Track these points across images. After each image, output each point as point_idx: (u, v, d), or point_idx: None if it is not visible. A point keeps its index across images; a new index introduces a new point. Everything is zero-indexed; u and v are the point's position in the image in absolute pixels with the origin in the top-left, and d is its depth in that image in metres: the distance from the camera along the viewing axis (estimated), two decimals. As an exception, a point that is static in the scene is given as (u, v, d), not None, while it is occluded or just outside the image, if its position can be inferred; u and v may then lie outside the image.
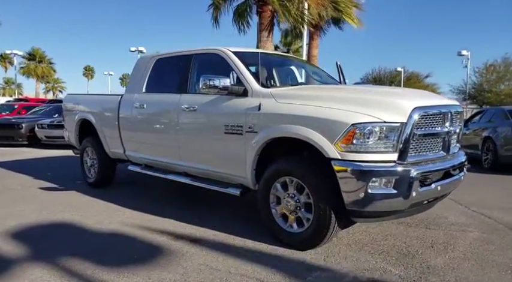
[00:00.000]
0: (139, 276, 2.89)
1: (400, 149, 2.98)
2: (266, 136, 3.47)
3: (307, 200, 3.28)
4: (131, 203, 4.95)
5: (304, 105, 3.29)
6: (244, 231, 3.85)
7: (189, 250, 3.41)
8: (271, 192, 3.54)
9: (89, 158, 6.08)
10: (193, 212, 4.57)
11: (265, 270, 2.98)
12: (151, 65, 5.03)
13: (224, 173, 4.04)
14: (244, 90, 3.79)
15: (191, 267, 3.06)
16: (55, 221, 4.33)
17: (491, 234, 3.87)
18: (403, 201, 2.98)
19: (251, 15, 12.10)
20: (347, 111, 3.03)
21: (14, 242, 3.63)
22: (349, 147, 2.97)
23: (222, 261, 3.17)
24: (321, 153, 3.12)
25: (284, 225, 3.47)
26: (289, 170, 3.38)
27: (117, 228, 4.05)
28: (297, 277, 2.85)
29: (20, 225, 4.13)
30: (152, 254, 3.33)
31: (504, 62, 34.26)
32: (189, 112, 4.27)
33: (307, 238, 3.29)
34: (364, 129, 2.93)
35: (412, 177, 2.94)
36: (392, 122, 2.95)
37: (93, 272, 2.97)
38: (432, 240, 3.65)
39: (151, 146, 4.90)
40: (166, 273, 2.94)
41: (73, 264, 3.13)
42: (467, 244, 3.55)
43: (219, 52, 4.21)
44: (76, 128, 6.26)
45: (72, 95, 6.97)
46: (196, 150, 4.30)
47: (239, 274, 2.92)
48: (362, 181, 2.92)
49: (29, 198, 5.34)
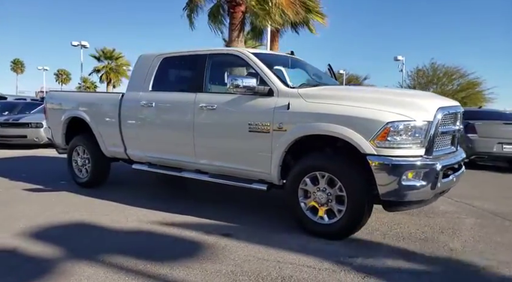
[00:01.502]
0: (194, 269, 2.98)
1: (426, 145, 3.35)
2: (297, 134, 3.69)
3: (339, 193, 3.55)
4: (135, 202, 4.92)
5: (337, 105, 3.55)
6: (269, 224, 4.04)
7: (227, 243, 3.53)
8: (300, 187, 3.76)
9: (80, 157, 5.90)
10: (203, 208, 4.66)
11: (310, 258, 3.20)
12: (157, 64, 5.02)
13: (246, 169, 4.19)
14: (270, 90, 3.97)
15: (239, 258, 3.19)
16: (67, 221, 4.22)
17: (482, 219, 4.41)
18: (430, 192, 3.35)
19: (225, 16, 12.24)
20: (381, 110, 3.34)
21: (38, 243, 3.52)
22: (384, 144, 3.29)
23: (265, 252, 3.33)
24: (355, 149, 3.41)
25: (314, 217, 3.71)
26: (322, 166, 3.62)
27: (138, 226, 4.05)
28: (343, 263, 3.10)
29: (31, 226, 3.98)
30: (193, 249, 3.41)
31: (432, 67, 37.56)
32: (207, 111, 4.36)
33: (340, 228, 3.56)
34: (397, 127, 3.26)
35: (438, 170, 3.32)
36: (421, 121, 3.31)
37: (145, 267, 3.01)
38: (439, 226, 4.09)
39: (160, 144, 4.90)
40: (219, 265, 3.06)
41: (120, 260, 3.13)
42: (469, 229, 4.03)
43: (239, 53, 4.35)
44: (63, 127, 6.03)
45: (56, 91, 6.68)
46: (214, 147, 4.40)
47: (288, 263, 3.11)
48: (396, 174, 3.25)
49: (21, 200, 5.09)
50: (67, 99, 6.08)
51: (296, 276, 2.86)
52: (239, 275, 2.89)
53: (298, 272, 2.95)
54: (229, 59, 4.48)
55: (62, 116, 5.99)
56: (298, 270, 2.98)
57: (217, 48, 4.59)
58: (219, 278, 2.85)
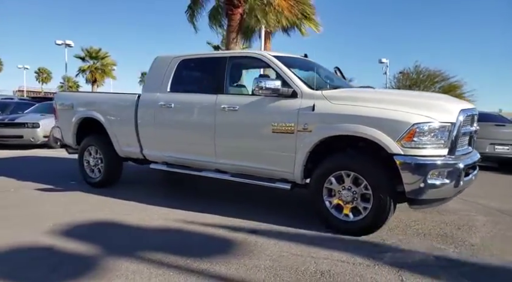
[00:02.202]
0: (233, 264, 3.08)
1: (449, 145, 3.53)
2: (323, 134, 3.83)
3: (364, 191, 3.70)
4: (151, 201, 4.99)
5: (363, 107, 3.70)
6: (292, 222, 4.15)
7: (257, 240, 3.64)
8: (325, 186, 3.89)
9: (92, 157, 5.91)
10: (221, 207, 4.74)
11: (341, 253, 3.33)
12: (174, 66, 5.09)
13: (268, 169, 4.30)
14: (293, 92, 4.10)
15: (274, 254, 3.30)
16: (93, 220, 4.26)
17: (492, 217, 4.62)
18: (453, 189, 3.54)
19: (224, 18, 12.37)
20: (407, 112, 3.51)
21: (73, 241, 3.57)
22: (410, 144, 3.45)
23: (297, 248, 3.46)
24: (379, 149, 3.57)
25: (339, 215, 3.85)
26: (348, 165, 3.76)
27: (165, 224, 4.12)
28: (375, 258, 3.25)
29: (59, 225, 4.02)
30: (226, 245, 3.51)
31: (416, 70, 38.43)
32: (228, 112, 4.45)
33: (366, 225, 3.71)
34: (423, 128, 3.43)
35: (460, 169, 3.50)
36: (445, 122, 3.49)
37: (186, 263, 3.10)
38: (454, 223, 4.28)
39: (179, 144, 4.97)
40: (256, 261, 3.16)
41: (158, 257, 3.21)
42: (483, 225, 4.24)
43: (260, 56, 4.47)
44: (75, 127, 6.03)
45: (65, 92, 6.66)
46: (236, 147, 4.49)
47: (322, 258, 3.24)
48: (422, 173, 3.42)
49: (36, 200, 5.10)
50: (79, 100, 6.09)
51: (334, 270, 2.99)
52: (278, 270, 3.00)
53: (334, 266, 3.08)
54: (250, 62, 4.58)
55: (74, 117, 6.00)
56: (334, 264, 3.11)
57: (237, 51, 4.71)
58: (260, 272, 2.96)
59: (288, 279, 2.86)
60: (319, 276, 2.91)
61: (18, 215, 4.40)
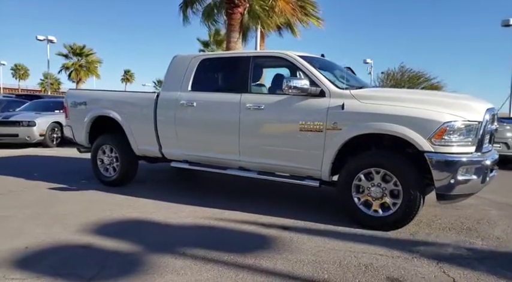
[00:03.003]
0: (278, 260, 3.16)
1: (476, 143, 3.69)
2: (354, 132, 3.94)
3: (394, 188, 3.83)
4: (172, 199, 5.04)
5: (393, 106, 3.83)
6: (319, 217, 4.26)
7: (291, 236, 3.72)
8: (354, 183, 4.01)
9: (107, 156, 5.89)
10: (243, 203, 4.82)
11: (378, 247, 3.45)
12: (195, 65, 5.13)
13: (294, 166, 4.39)
14: (321, 91, 4.20)
15: (312, 249, 3.40)
16: (120, 218, 4.28)
17: (504, 211, 4.83)
18: (480, 185, 3.70)
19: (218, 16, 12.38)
20: (437, 111, 3.65)
21: (109, 239, 3.59)
22: (440, 142, 3.60)
23: (332, 243, 3.56)
24: (408, 147, 3.71)
25: (368, 211, 3.97)
26: (379, 162, 3.89)
27: (195, 222, 4.17)
28: (411, 251, 3.38)
29: (87, 223, 4.03)
30: (263, 241, 3.59)
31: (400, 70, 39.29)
32: (254, 111, 4.52)
33: (395, 220, 3.84)
34: (453, 127, 3.59)
35: (487, 165, 3.67)
36: (473, 121, 3.65)
37: (230, 259, 3.16)
38: (473, 217, 4.46)
39: (201, 143, 5.02)
40: (298, 255, 3.25)
41: (201, 253, 3.27)
42: (498, 218, 4.44)
43: (286, 56, 4.55)
44: (88, 126, 6.00)
45: (77, 90, 6.59)
46: (261, 146, 4.56)
47: (361, 252, 3.35)
48: (452, 170, 3.57)
49: (53, 199, 5.07)
50: (93, 98, 6.04)
51: (376, 264, 3.10)
52: (323, 264, 3.10)
53: (374, 260, 3.19)
54: (273, 61, 4.66)
55: (87, 115, 5.96)
56: (374, 258, 3.22)
57: (261, 50, 4.77)
58: (305, 266, 3.05)
59: (334, 272, 2.96)
60: (363, 269, 3.02)
61: (44, 214, 4.38)
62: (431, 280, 2.83)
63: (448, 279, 2.85)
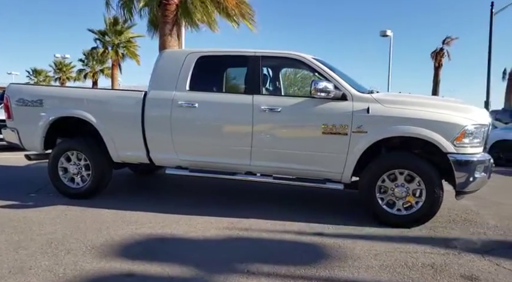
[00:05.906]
0: (341, 268, 3.10)
1: (483, 144, 4.15)
2: (380, 135, 4.08)
3: (416, 187, 4.09)
4: (177, 210, 4.62)
5: (417, 110, 4.06)
6: (344, 220, 4.33)
7: (335, 242, 3.68)
8: (378, 184, 4.17)
9: (73, 164, 5.07)
10: (258, 210, 4.66)
11: (420, 246, 3.62)
12: (192, 62, 4.72)
13: (314, 169, 4.37)
14: (343, 95, 4.25)
15: (367, 253, 3.42)
16: (131, 236, 3.77)
17: (471, 200, 5.49)
18: (486, 181, 4.17)
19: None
20: (458, 116, 4.00)
21: (141, 263, 3.12)
22: (460, 144, 3.96)
23: (377, 245, 3.61)
24: (429, 148, 4.02)
25: (391, 210, 4.17)
26: (403, 164, 4.10)
27: (220, 233, 3.90)
28: (450, 247, 3.63)
29: (97, 247, 3.47)
30: (309, 249, 3.52)
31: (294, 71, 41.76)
32: (269, 113, 4.36)
33: (418, 217, 4.11)
34: (471, 130, 3.97)
35: (492, 163, 4.16)
36: (484, 124, 4.09)
37: (289, 271, 3.03)
38: (471, 210, 4.95)
39: (204, 147, 4.65)
40: (361, 261, 3.24)
41: (256, 267, 3.10)
42: (478, 208, 5.04)
43: (300, 58, 4.49)
44: (45, 129, 5.06)
45: (25, 85, 5.46)
46: (279, 149, 4.42)
47: (410, 252, 3.49)
48: (471, 168, 3.96)
49: (25, 221, 4.23)
50: (54, 96, 5.11)
51: (438, 263, 3.24)
52: (395, 268, 3.13)
53: (429, 258, 3.36)
54: (285, 62, 4.53)
55: (45, 116, 5.03)
56: (428, 257, 3.39)
57: (271, 50, 4.58)
58: (377, 272, 3.06)
59: (408, 274, 3.04)
60: (429, 268, 3.16)
61: (28, 240, 3.60)
62: (499, 274, 3.08)
63: (507, 272, 3.14)
